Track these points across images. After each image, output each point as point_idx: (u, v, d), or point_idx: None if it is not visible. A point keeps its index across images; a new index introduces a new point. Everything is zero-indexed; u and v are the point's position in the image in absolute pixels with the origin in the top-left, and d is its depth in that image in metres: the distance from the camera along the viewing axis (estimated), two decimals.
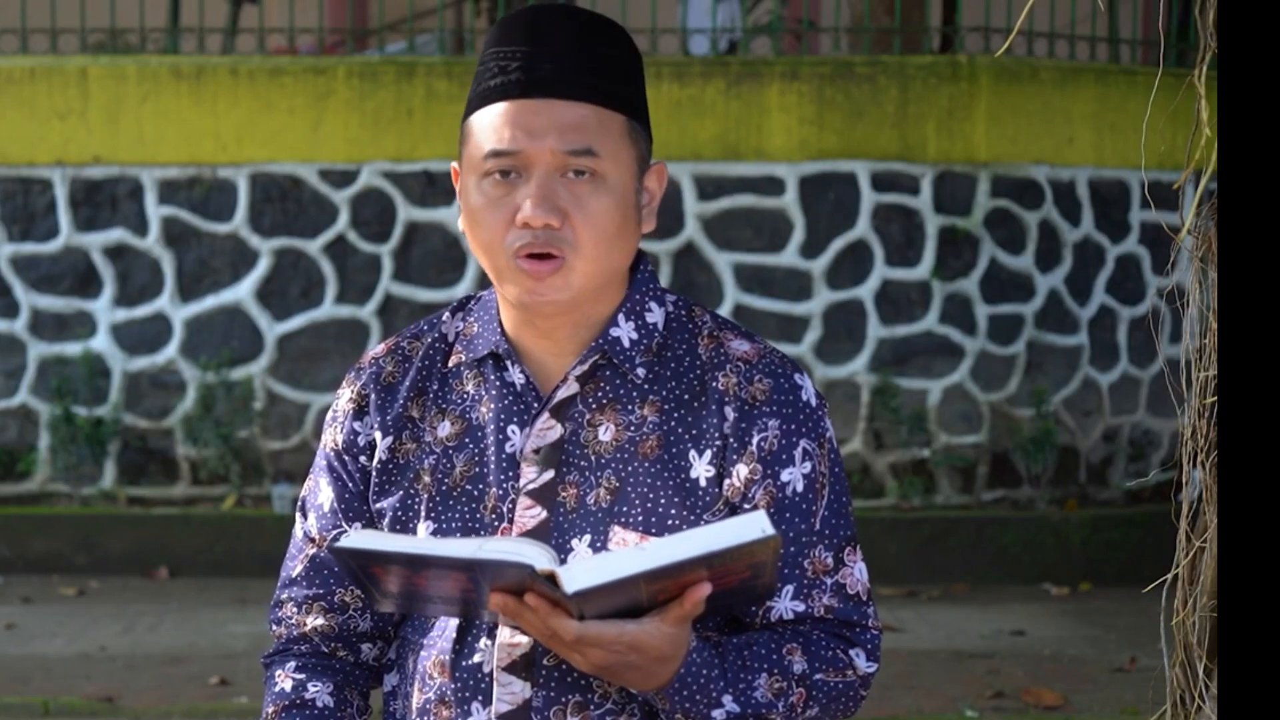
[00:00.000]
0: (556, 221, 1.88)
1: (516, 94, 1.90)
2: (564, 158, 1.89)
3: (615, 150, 1.92)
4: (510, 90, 1.90)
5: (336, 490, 2.05)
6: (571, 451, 1.95)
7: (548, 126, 1.89)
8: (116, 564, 7.65)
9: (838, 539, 1.98)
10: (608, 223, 1.91)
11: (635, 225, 1.96)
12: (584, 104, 1.90)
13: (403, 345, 2.07)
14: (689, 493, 1.94)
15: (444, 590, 1.80)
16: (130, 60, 8.01)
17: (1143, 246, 8.32)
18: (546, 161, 1.89)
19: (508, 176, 1.90)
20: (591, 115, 1.90)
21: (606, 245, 1.91)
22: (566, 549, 1.93)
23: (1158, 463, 8.21)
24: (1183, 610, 2.30)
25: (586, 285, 1.92)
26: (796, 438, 1.96)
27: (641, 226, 1.98)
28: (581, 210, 1.89)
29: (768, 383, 1.97)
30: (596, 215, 1.90)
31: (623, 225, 1.93)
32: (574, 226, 1.89)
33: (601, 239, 1.91)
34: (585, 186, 1.90)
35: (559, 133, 1.89)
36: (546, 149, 1.88)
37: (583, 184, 1.89)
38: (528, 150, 1.89)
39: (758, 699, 1.90)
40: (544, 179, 1.89)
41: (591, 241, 1.90)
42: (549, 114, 1.89)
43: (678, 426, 1.96)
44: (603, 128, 1.91)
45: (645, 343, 1.98)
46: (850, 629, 1.98)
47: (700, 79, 7.87)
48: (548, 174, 1.89)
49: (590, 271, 1.91)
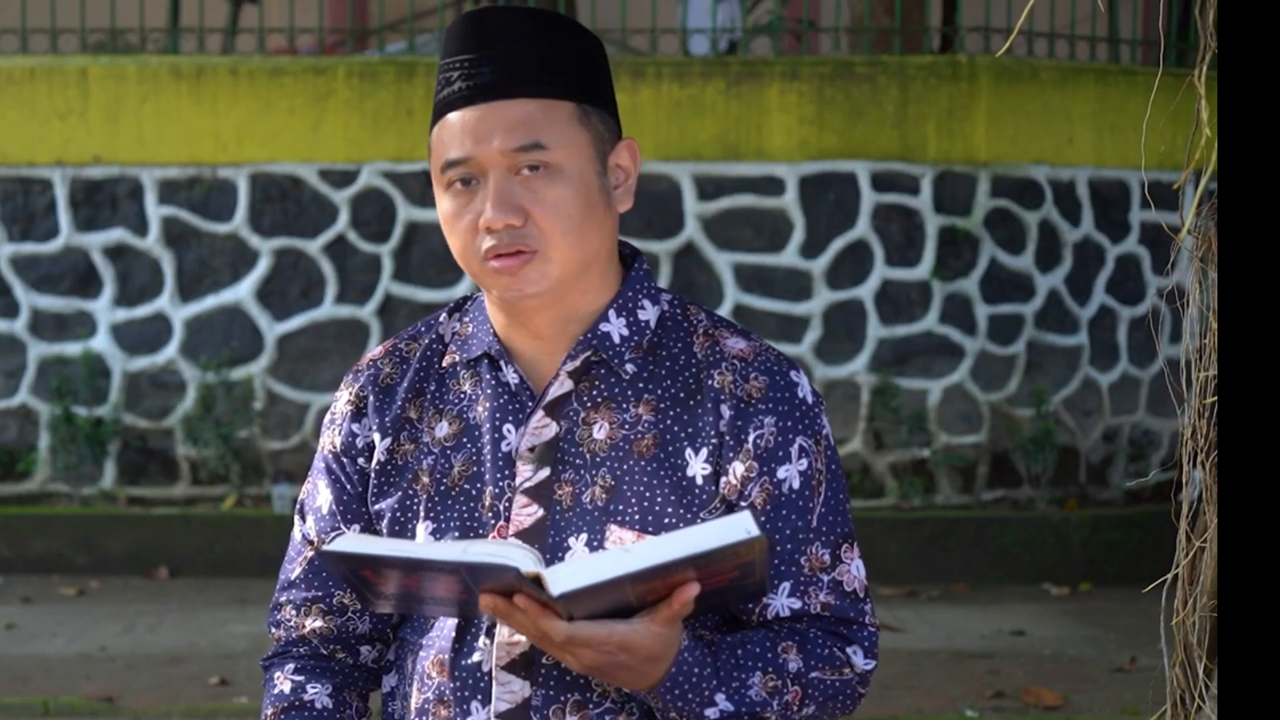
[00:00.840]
0: (517, 220, 1.91)
1: (462, 103, 1.94)
2: (513, 156, 1.91)
3: (566, 138, 1.93)
4: (456, 101, 1.94)
5: (335, 492, 2.05)
6: (567, 450, 1.96)
7: (493, 129, 1.92)
8: (116, 564, 7.65)
9: (834, 536, 1.99)
10: (570, 210, 1.92)
11: (605, 207, 1.97)
12: (526, 100, 1.93)
13: (400, 347, 2.07)
14: (685, 491, 1.94)
15: (439, 592, 1.80)
16: (130, 60, 8.01)
17: (1143, 246, 8.32)
18: (497, 163, 1.91)
19: (469, 184, 1.93)
20: (535, 109, 1.92)
21: (576, 233, 1.93)
22: (563, 547, 1.93)
23: (1158, 463, 8.21)
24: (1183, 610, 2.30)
25: (565, 273, 1.93)
26: (793, 435, 1.96)
27: (616, 206, 1.99)
28: (540, 204, 1.91)
29: (764, 380, 1.97)
30: (556, 205, 1.92)
31: (588, 210, 1.94)
32: (536, 221, 1.91)
33: (568, 228, 1.92)
34: (540, 180, 1.92)
35: (504, 132, 1.91)
36: (495, 151, 1.91)
37: (537, 178, 1.92)
38: (477, 155, 1.92)
39: (752, 697, 1.90)
40: (499, 181, 1.91)
41: (559, 232, 1.92)
42: (493, 116, 1.92)
43: (673, 424, 1.96)
44: (548, 119, 1.93)
45: (636, 339, 1.98)
46: (847, 626, 1.98)
47: (700, 79, 7.87)
48: (502, 175, 1.92)
49: (565, 259, 1.93)
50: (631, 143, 2.02)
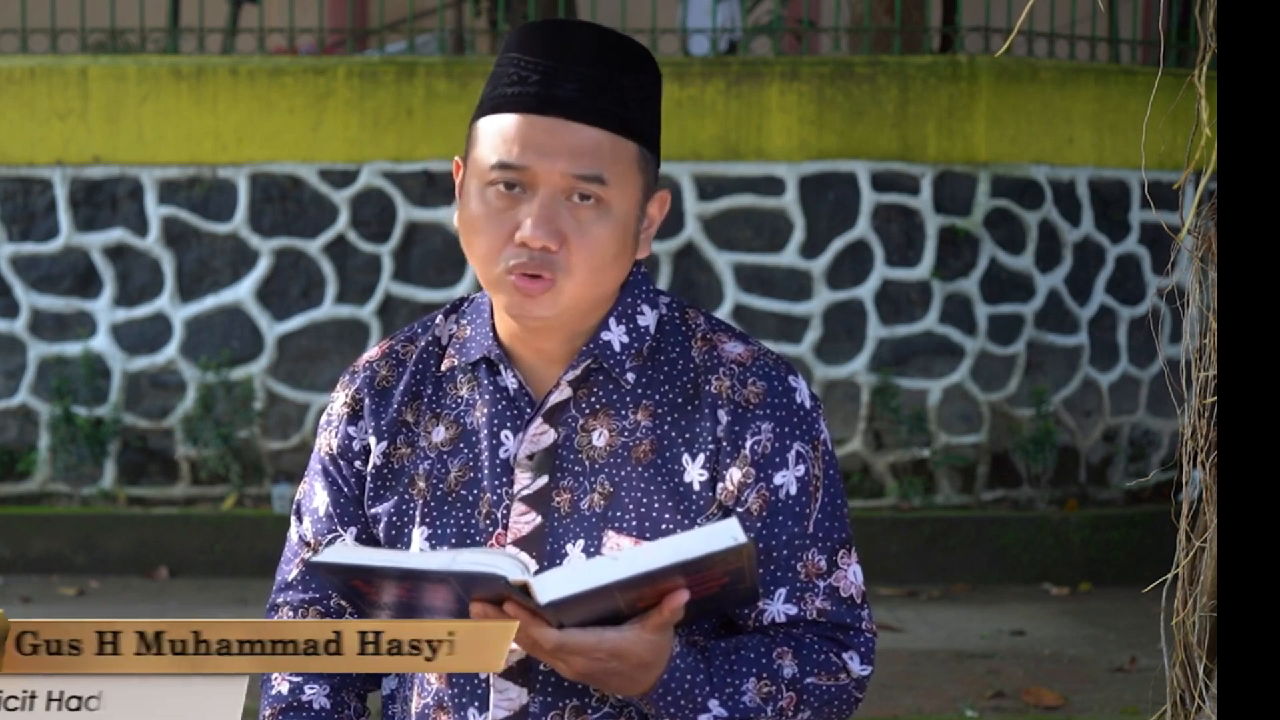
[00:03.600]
0: (555, 245, 1.85)
1: (533, 108, 1.86)
2: (572, 181, 1.85)
3: (623, 179, 1.88)
4: (527, 103, 1.86)
5: (331, 495, 2.04)
6: (565, 457, 1.94)
7: (560, 148, 1.85)
8: (116, 564, 7.64)
9: (831, 541, 1.97)
10: (605, 250, 1.88)
11: (631, 251, 1.93)
12: (599, 129, 1.86)
13: (396, 349, 2.05)
14: (683, 497, 1.93)
15: (431, 601, 1.79)
16: (130, 60, 8.00)
17: (1143, 246, 8.31)
18: (554, 183, 1.86)
19: (512, 190, 1.87)
20: (605, 141, 1.87)
21: (600, 273, 1.89)
22: (561, 554, 1.92)
23: (1158, 463, 8.21)
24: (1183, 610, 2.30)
25: (575, 306, 1.90)
26: (790, 440, 1.95)
27: (637, 252, 1.95)
28: (581, 236, 1.86)
29: (761, 385, 1.95)
30: (595, 242, 1.87)
31: (619, 253, 1.91)
32: (570, 251, 1.86)
33: (597, 266, 1.88)
34: (589, 213, 1.87)
35: (570, 156, 1.85)
36: (556, 171, 1.85)
37: (586, 209, 1.86)
38: (536, 168, 1.85)
39: (746, 703, 1.89)
40: (548, 200, 1.86)
41: (586, 268, 1.87)
42: (563, 135, 1.85)
43: (671, 430, 1.94)
44: (614, 155, 1.87)
45: (636, 346, 1.97)
46: (844, 632, 1.97)
47: (700, 79, 7.87)
48: (552, 195, 1.86)
49: (579, 295, 1.89)
50: (665, 194, 1.97)
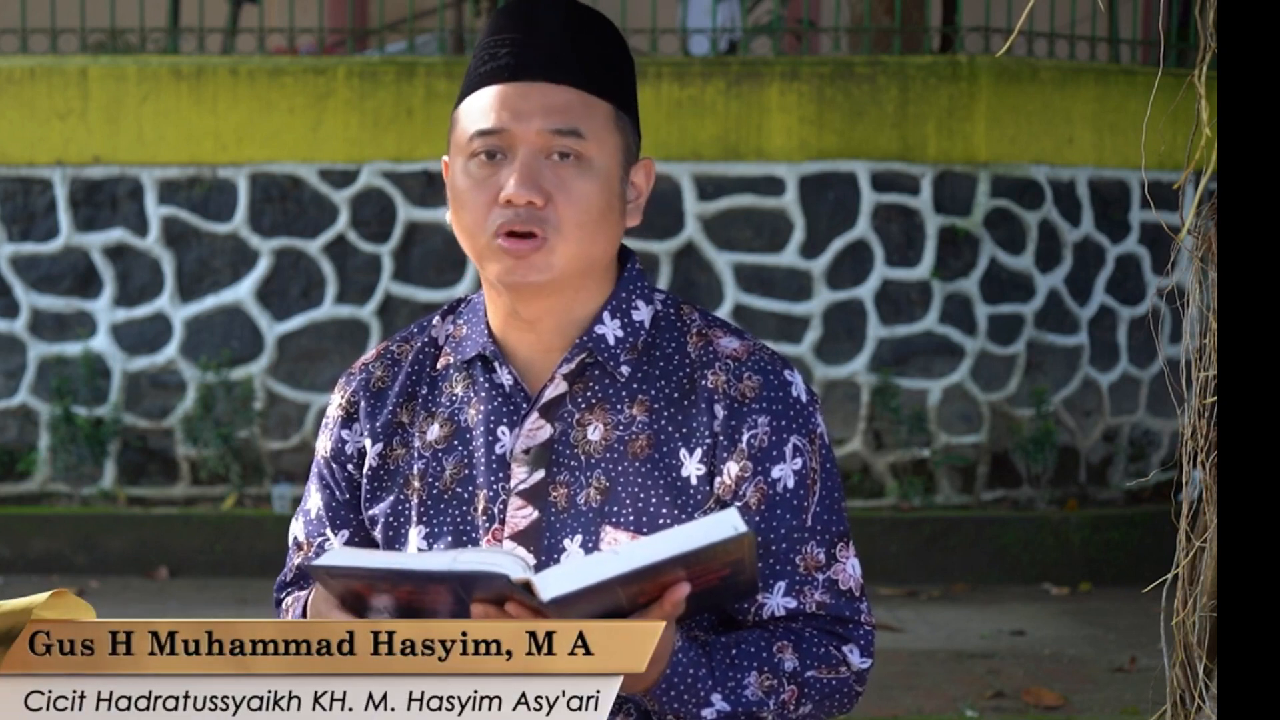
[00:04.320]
0: (540, 200, 1.89)
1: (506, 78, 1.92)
2: (549, 137, 1.90)
3: (600, 134, 1.93)
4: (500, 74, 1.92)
5: (324, 498, 2.06)
6: (561, 451, 1.95)
7: (534, 108, 1.90)
8: (116, 564, 7.64)
9: (830, 535, 1.98)
10: (590, 205, 1.91)
11: (619, 216, 1.96)
12: (571, 88, 1.92)
13: (392, 349, 2.07)
14: (680, 491, 1.94)
15: (433, 602, 1.78)
16: (130, 60, 8.00)
17: (1143, 246, 8.32)
18: (531, 141, 1.90)
19: (493, 158, 1.91)
20: (578, 99, 1.92)
21: (590, 229, 1.92)
22: (559, 549, 1.93)
23: (1158, 463, 8.21)
24: (1183, 610, 2.30)
25: (568, 268, 1.92)
26: (787, 434, 1.96)
27: (626, 220, 1.98)
28: (565, 191, 1.90)
29: (757, 379, 1.96)
30: (580, 197, 1.91)
31: (606, 211, 1.93)
32: (556, 207, 1.90)
33: (585, 221, 1.91)
34: (569, 169, 1.91)
35: (545, 113, 1.90)
36: (532, 129, 1.90)
37: (567, 166, 1.91)
38: (513, 130, 1.90)
39: (748, 697, 1.90)
40: (528, 158, 1.90)
41: (574, 223, 1.90)
42: (537, 96, 1.91)
43: (667, 425, 1.95)
44: (589, 112, 1.92)
45: (630, 340, 1.98)
46: (843, 625, 1.98)
47: (700, 79, 7.87)
48: (532, 154, 1.90)
49: (571, 253, 1.91)
50: (649, 162, 2.01)
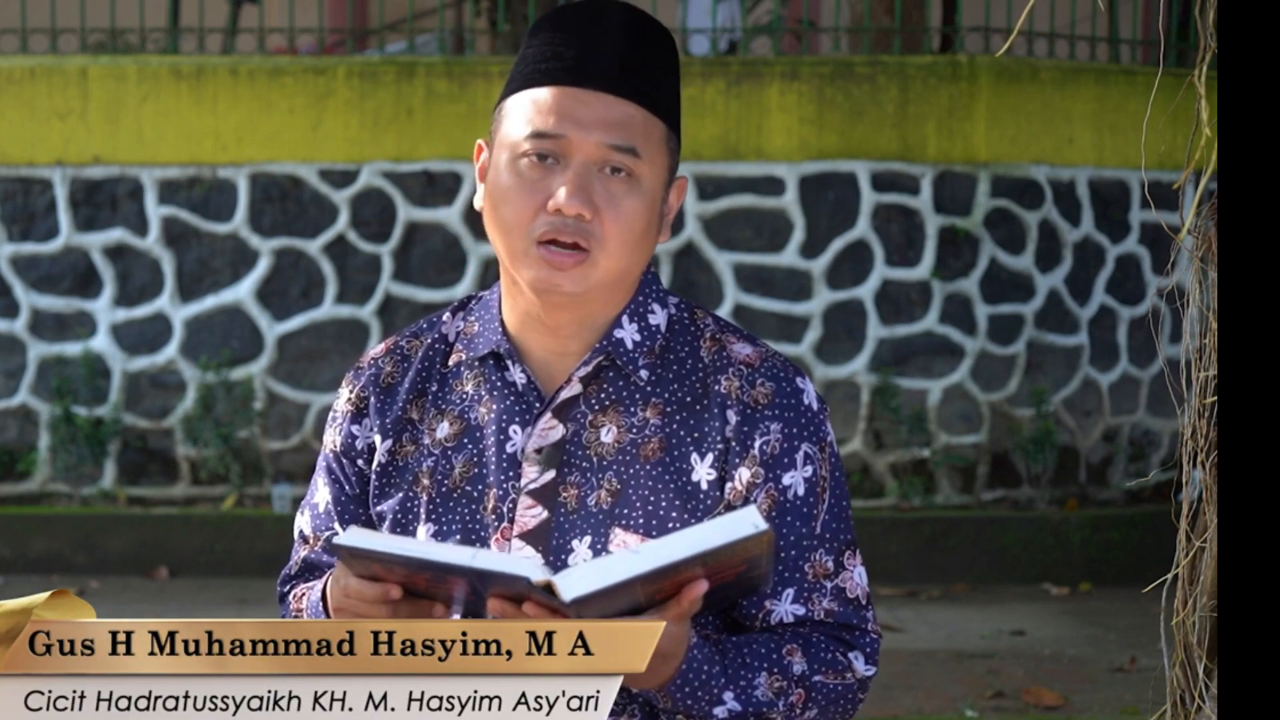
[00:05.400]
0: (589, 213, 1.88)
1: (569, 81, 1.89)
2: (606, 152, 1.88)
3: (653, 154, 1.92)
4: (562, 76, 1.90)
5: (333, 492, 2.06)
6: (573, 452, 1.95)
7: (596, 119, 1.88)
8: (116, 564, 7.64)
9: (838, 543, 1.99)
10: (635, 223, 1.91)
11: (656, 232, 1.96)
12: (633, 104, 1.90)
13: (402, 345, 2.07)
14: (690, 496, 1.94)
15: (446, 592, 1.80)
16: (130, 60, 8.00)
17: (1143, 246, 8.31)
18: (588, 153, 1.88)
19: (545, 161, 1.89)
20: (639, 116, 1.90)
21: (631, 246, 1.92)
22: (567, 549, 1.93)
23: (1158, 463, 8.21)
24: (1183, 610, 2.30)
25: (604, 281, 1.92)
26: (798, 441, 1.96)
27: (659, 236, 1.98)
28: (614, 207, 1.89)
29: (770, 386, 1.97)
30: (627, 215, 1.90)
31: (647, 230, 1.93)
32: (603, 222, 1.89)
33: (628, 239, 1.91)
34: (621, 185, 1.90)
35: (606, 127, 1.88)
36: (592, 140, 1.88)
37: (618, 182, 1.89)
38: (572, 138, 1.88)
39: (758, 697, 1.90)
40: (582, 170, 1.88)
41: (618, 240, 1.90)
42: (599, 106, 1.89)
43: (679, 429, 1.96)
44: (647, 130, 1.91)
45: (648, 345, 1.98)
46: (850, 632, 1.99)
47: (700, 79, 7.87)
48: (586, 166, 1.89)
49: (611, 268, 1.91)
50: (684, 181, 2.01)
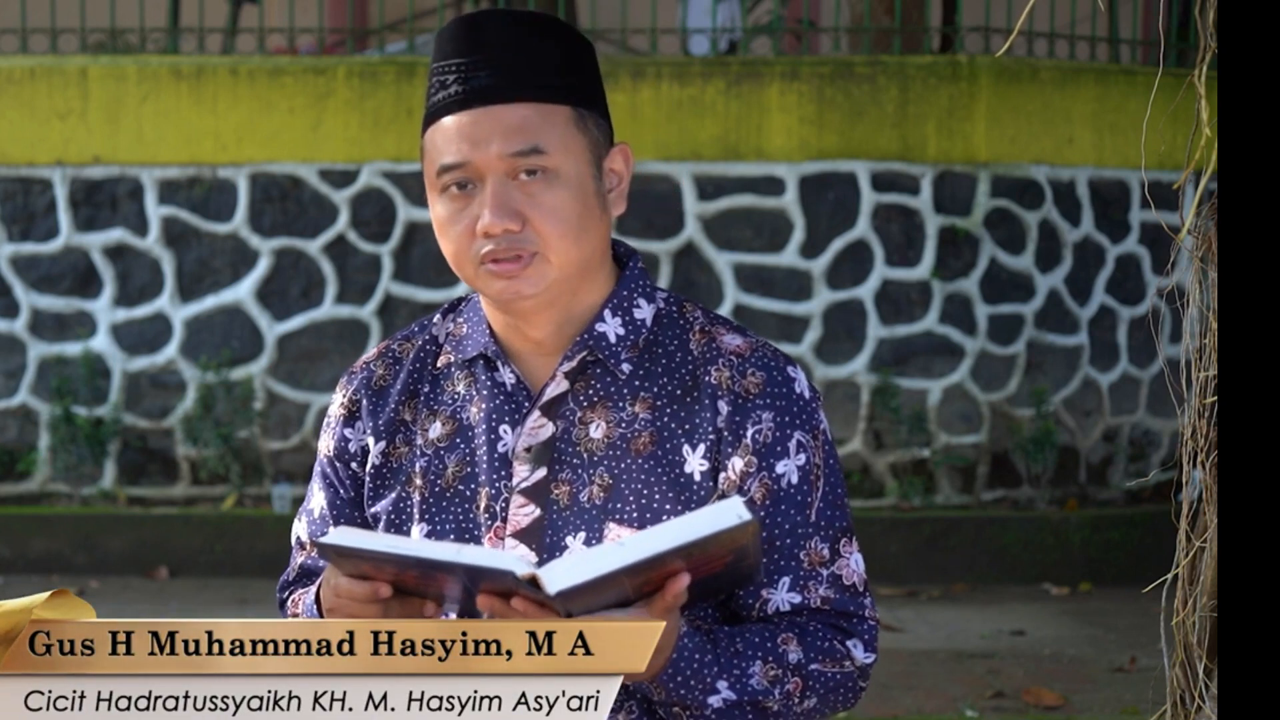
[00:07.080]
0: (516, 225, 1.90)
1: (457, 107, 1.93)
2: (511, 161, 1.91)
3: (563, 142, 1.93)
4: (451, 105, 1.93)
5: (329, 497, 2.08)
6: (563, 449, 1.96)
7: (490, 133, 1.91)
8: (116, 564, 7.64)
9: (833, 530, 1.99)
10: (567, 215, 1.92)
11: (600, 212, 1.97)
12: (523, 104, 1.92)
13: (393, 348, 2.09)
14: (683, 487, 1.95)
15: (437, 589, 1.80)
16: (130, 60, 8.01)
17: (1143, 246, 8.32)
18: (495, 168, 1.91)
19: (464, 188, 1.93)
20: (533, 113, 1.92)
21: (572, 237, 1.93)
22: (561, 546, 1.94)
23: (1158, 463, 8.21)
24: (1183, 610, 2.30)
25: (562, 276, 1.94)
26: (790, 429, 1.97)
27: (611, 211, 1.99)
28: (539, 209, 1.91)
29: (761, 375, 1.98)
30: (555, 210, 1.91)
31: (585, 214, 1.94)
32: (534, 226, 1.91)
33: (565, 232, 1.92)
34: (538, 185, 1.91)
35: (502, 137, 1.90)
36: (493, 155, 1.90)
37: (535, 183, 1.91)
38: (475, 160, 1.91)
39: (753, 686, 1.90)
40: (497, 186, 1.91)
41: (555, 236, 1.91)
42: (490, 121, 1.91)
43: (670, 422, 1.96)
44: (546, 123, 1.92)
45: (632, 339, 1.99)
46: (847, 620, 1.99)
47: (700, 79, 7.87)
48: (499, 180, 1.91)
49: (562, 263, 1.93)
50: (625, 147, 2.02)
